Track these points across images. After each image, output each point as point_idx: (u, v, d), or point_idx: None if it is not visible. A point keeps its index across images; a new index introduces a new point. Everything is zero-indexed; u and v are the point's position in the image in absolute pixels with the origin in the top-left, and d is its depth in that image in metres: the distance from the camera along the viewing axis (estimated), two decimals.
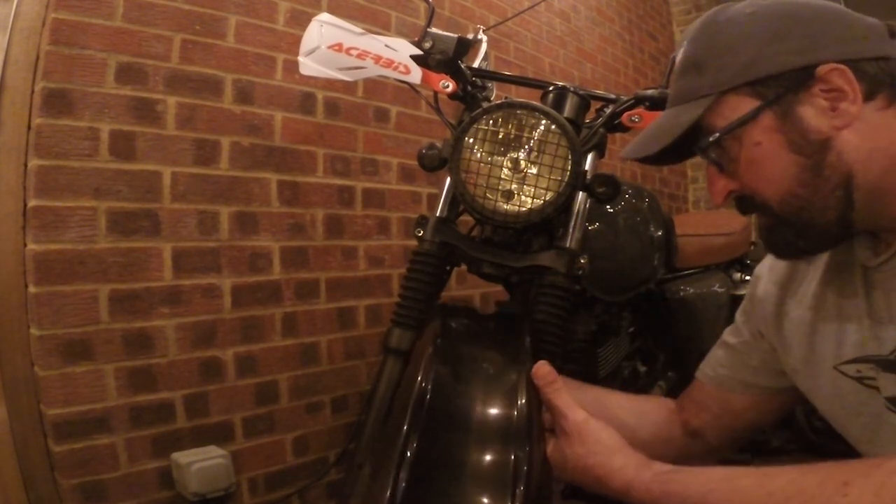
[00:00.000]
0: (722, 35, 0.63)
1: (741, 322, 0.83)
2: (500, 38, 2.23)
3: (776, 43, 0.59)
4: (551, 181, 0.84)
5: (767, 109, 0.60)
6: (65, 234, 1.15)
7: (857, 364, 0.63)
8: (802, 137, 0.58)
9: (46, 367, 1.11)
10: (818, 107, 0.58)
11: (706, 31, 0.65)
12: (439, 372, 0.66)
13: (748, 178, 0.62)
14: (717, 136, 0.62)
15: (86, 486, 1.14)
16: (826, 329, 0.68)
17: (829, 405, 0.70)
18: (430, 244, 0.91)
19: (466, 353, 0.74)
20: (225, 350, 1.37)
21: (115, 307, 1.20)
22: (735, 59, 0.61)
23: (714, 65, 0.62)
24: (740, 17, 0.62)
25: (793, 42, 0.59)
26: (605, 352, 1.29)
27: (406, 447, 0.56)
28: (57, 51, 1.15)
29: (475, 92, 1.01)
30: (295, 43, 1.38)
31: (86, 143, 1.18)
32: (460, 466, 0.57)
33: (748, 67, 0.60)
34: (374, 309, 1.68)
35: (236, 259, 1.40)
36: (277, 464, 1.45)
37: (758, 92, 0.60)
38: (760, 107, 0.60)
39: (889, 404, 0.61)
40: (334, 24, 0.96)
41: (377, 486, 0.57)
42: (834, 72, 0.57)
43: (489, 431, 0.62)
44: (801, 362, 0.71)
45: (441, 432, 0.60)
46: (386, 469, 0.56)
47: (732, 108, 0.61)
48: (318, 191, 1.58)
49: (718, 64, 0.62)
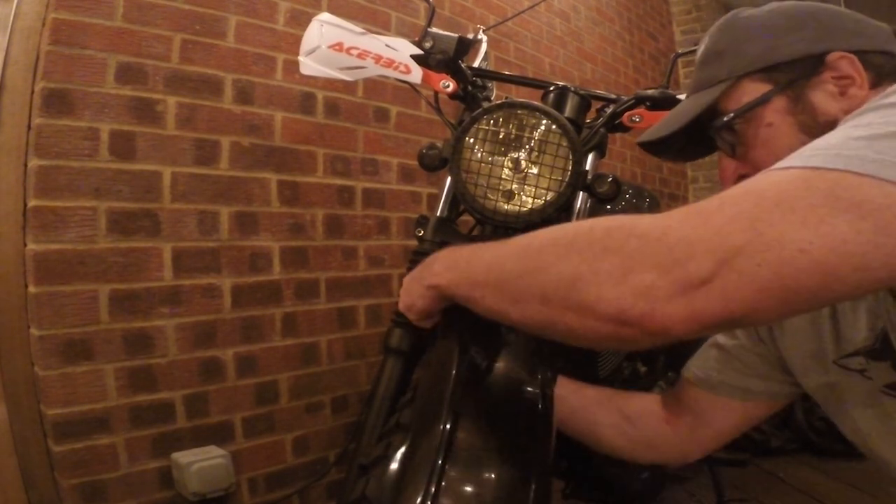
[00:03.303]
0: (741, 27, 0.68)
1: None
2: (500, 38, 2.22)
3: (791, 33, 0.64)
4: (552, 181, 0.84)
5: (780, 93, 0.63)
6: (65, 234, 1.15)
7: (858, 357, 0.65)
8: (812, 119, 0.62)
9: (46, 367, 1.11)
10: (828, 91, 0.62)
11: (727, 25, 0.69)
12: (469, 366, 0.68)
13: (758, 156, 0.65)
14: (731, 117, 0.66)
15: (86, 486, 1.14)
16: (822, 327, 0.69)
17: (830, 404, 0.70)
18: (431, 244, 0.91)
19: (491, 347, 0.75)
20: (225, 350, 1.37)
21: (115, 307, 1.20)
22: (753, 47, 0.65)
23: (732, 52, 0.67)
24: (760, 12, 0.67)
25: (807, 32, 0.63)
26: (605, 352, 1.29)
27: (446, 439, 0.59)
28: (57, 51, 1.15)
29: (475, 92, 1.01)
30: (295, 43, 1.38)
31: (86, 143, 1.18)
32: (492, 458, 0.60)
33: (764, 55, 0.64)
34: (374, 309, 1.68)
35: (236, 259, 1.40)
36: (277, 464, 1.45)
37: (771, 77, 0.64)
38: (773, 90, 0.64)
39: (887, 390, 0.62)
40: (335, 24, 0.96)
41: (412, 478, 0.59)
42: (843, 59, 0.61)
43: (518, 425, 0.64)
44: (809, 358, 0.72)
45: (475, 425, 0.62)
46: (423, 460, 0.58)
47: (747, 93, 0.65)
48: (318, 191, 1.58)
49: (736, 51, 0.66)
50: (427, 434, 0.61)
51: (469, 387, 0.65)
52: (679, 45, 3.64)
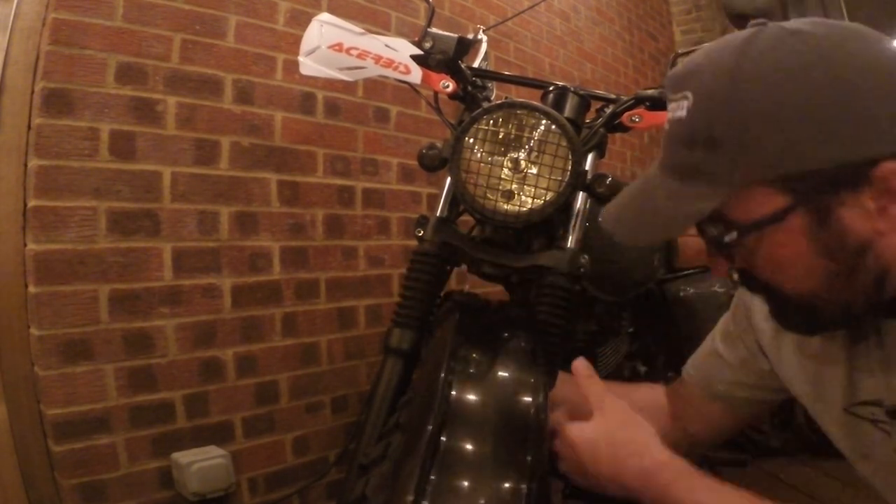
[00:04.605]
0: (746, 101, 0.47)
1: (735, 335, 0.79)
2: (500, 38, 2.22)
3: (821, 126, 0.45)
4: (551, 181, 0.84)
5: (800, 209, 0.47)
6: (65, 234, 1.15)
7: (871, 407, 0.58)
8: (838, 243, 0.48)
9: (46, 367, 1.11)
10: (863, 208, 0.46)
11: (724, 87, 0.48)
12: (460, 367, 0.67)
13: (764, 273, 0.53)
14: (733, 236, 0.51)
15: (86, 486, 1.14)
16: (833, 374, 0.62)
17: (839, 442, 0.67)
18: (431, 244, 0.91)
19: (485, 348, 0.75)
20: (225, 350, 1.37)
21: (115, 307, 1.20)
22: (764, 143, 0.46)
23: (734, 144, 0.47)
24: (774, 74, 0.46)
25: (844, 127, 0.45)
26: (605, 352, 1.29)
27: (433, 440, 0.58)
28: (57, 51, 1.15)
29: (475, 92, 1.01)
30: (295, 43, 1.38)
31: (86, 143, 1.18)
32: (481, 461, 0.59)
33: (781, 157, 0.46)
34: (374, 309, 1.68)
35: (236, 259, 1.40)
36: (277, 464, 1.45)
37: (791, 187, 0.47)
38: (792, 206, 0.47)
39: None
40: (334, 24, 0.96)
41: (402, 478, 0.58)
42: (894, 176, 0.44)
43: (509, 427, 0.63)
44: (806, 398, 0.69)
45: (463, 426, 0.61)
46: (412, 461, 0.57)
47: (756, 203, 0.49)
48: (318, 191, 1.58)
49: (740, 144, 0.47)
50: (416, 435, 0.61)
51: (461, 387, 0.65)
52: (679, 45, 3.63)
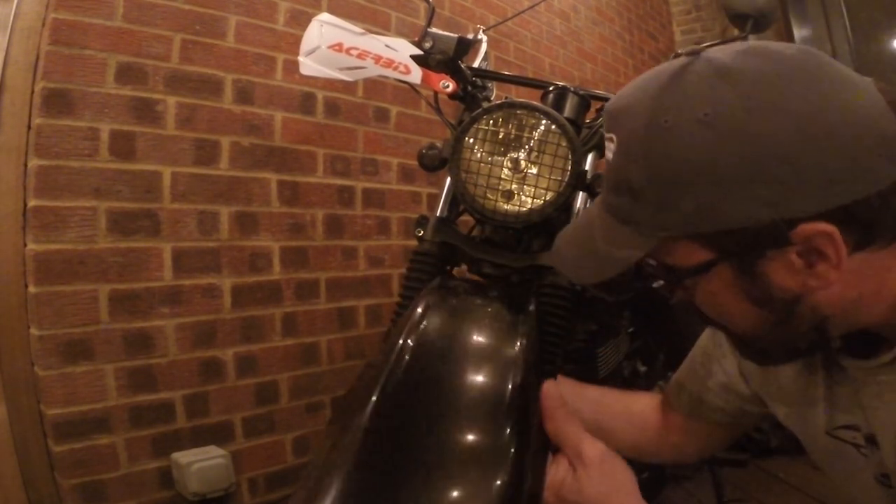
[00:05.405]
0: (663, 155, 0.46)
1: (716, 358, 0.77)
2: (500, 38, 2.22)
3: (740, 186, 0.43)
4: (551, 181, 0.84)
5: (724, 263, 0.48)
6: (65, 234, 1.15)
7: (852, 431, 0.58)
8: (766, 296, 0.48)
9: (46, 367, 1.11)
10: (789, 265, 0.46)
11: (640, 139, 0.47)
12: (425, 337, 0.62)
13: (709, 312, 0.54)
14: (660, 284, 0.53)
15: (86, 486, 1.14)
16: (814, 397, 0.62)
17: (822, 464, 0.67)
18: (431, 244, 0.91)
19: (460, 317, 0.70)
20: (225, 350, 1.37)
21: (115, 307, 1.20)
22: (678, 204, 0.46)
23: (651, 201, 0.47)
24: (694, 126, 0.44)
25: (764, 187, 0.43)
26: (605, 352, 1.29)
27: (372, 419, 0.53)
28: (57, 51, 1.15)
29: (475, 92, 1.01)
30: (295, 43, 1.38)
31: (86, 143, 1.18)
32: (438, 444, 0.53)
33: (696, 217, 0.45)
34: (374, 309, 1.68)
35: (236, 259, 1.40)
36: (277, 464, 1.45)
37: (713, 243, 0.47)
38: (714, 260, 0.48)
39: (880, 478, 0.56)
40: (334, 24, 0.96)
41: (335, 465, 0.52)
42: (818, 236, 0.43)
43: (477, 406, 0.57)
44: (788, 420, 0.68)
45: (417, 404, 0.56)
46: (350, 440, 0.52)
47: (681, 254, 0.49)
48: (318, 191, 1.58)
49: (656, 202, 0.47)
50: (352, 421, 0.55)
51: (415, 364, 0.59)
52: (679, 45, 3.64)
